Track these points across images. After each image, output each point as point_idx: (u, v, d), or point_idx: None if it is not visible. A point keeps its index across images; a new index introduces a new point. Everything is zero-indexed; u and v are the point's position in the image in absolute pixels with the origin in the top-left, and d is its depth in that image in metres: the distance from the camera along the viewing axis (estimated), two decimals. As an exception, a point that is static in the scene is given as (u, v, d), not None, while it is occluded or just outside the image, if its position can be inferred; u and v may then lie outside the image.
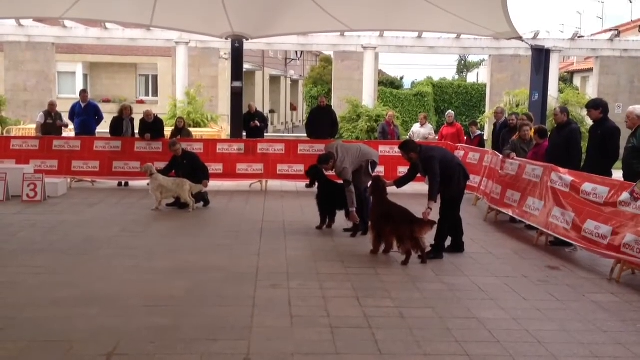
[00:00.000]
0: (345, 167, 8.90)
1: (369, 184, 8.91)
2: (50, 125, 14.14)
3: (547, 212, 8.60)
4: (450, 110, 16.73)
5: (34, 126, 17.03)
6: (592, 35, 26.39)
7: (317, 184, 9.66)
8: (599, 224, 7.38)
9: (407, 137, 15.07)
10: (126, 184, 14.04)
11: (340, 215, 9.59)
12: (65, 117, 14.77)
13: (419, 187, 10.52)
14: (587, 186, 7.86)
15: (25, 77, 22.06)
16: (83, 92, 14.94)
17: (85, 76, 33.44)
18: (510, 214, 9.78)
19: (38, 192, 11.56)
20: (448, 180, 7.81)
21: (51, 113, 14.24)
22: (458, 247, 8.18)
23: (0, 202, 11.31)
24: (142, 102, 31.75)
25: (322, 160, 9.16)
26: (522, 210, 9.35)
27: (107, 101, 30.91)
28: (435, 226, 7.70)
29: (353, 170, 9.00)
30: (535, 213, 8.93)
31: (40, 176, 11.80)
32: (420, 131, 15.61)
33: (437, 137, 15.92)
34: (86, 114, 14.41)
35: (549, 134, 10.08)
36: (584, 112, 16.74)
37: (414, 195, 10.63)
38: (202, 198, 11.37)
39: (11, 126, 19.53)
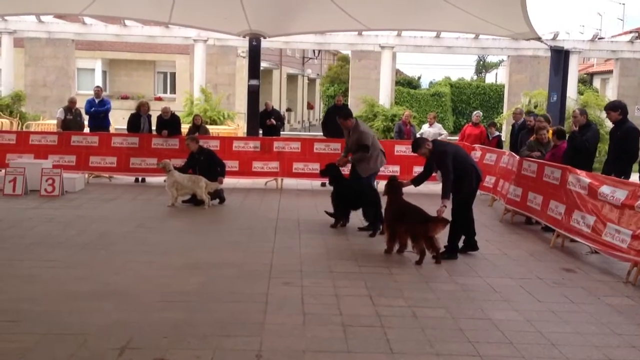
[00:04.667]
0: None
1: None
2: (70, 121, 14.26)
3: (568, 215, 8.51)
4: (478, 111, 16.50)
5: (53, 122, 17.25)
6: (612, 36, 26.14)
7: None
8: (619, 227, 7.31)
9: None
10: (143, 180, 14.13)
11: (354, 215, 9.60)
12: (84, 113, 14.90)
13: (433, 186, 10.48)
14: (605, 189, 7.79)
15: (45, 73, 22.26)
16: (97, 88, 15.16)
17: (104, 73, 33.70)
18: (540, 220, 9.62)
19: (56, 187, 11.67)
20: (460, 179, 7.76)
21: (71, 109, 14.37)
22: (471, 245, 8.12)
23: (19, 197, 11.43)
24: (160, 99, 31.92)
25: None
26: (548, 215, 9.21)
27: (125, 98, 31.14)
28: (448, 225, 7.65)
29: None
30: (558, 217, 8.83)
31: (58, 171, 11.92)
32: (430, 131, 15.50)
33: (448, 136, 15.82)
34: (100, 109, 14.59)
35: (568, 136, 9.99)
36: (604, 114, 16.61)
37: (428, 195, 10.60)
38: (217, 195, 11.41)
39: (30, 121, 19.72)
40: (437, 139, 8.69)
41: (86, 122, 15.19)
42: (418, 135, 15.34)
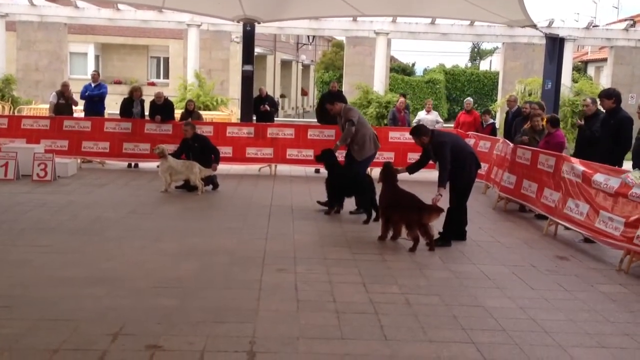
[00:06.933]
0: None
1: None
2: (62, 105, 14.16)
3: (562, 203, 8.51)
4: (469, 98, 16.52)
5: (45, 106, 17.15)
6: (607, 24, 26.10)
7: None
8: (612, 215, 7.32)
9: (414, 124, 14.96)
10: (136, 166, 14.07)
11: (348, 202, 9.59)
12: (77, 97, 14.80)
13: (429, 174, 10.48)
14: (598, 177, 7.80)
15: (37, 57, 22.07)
16: (94, 72, 15.13)
17: (97, 57, 33.45)
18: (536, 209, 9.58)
19: (48, 171, 11.61)
20: (459, 167, 7.74)
21: (64, 94, 14.26)
22: (460, 235, 8.11)
23: (11, 181, 11.36)
24: (153, 84, 31.75)
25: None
26: (541, 203, 9.21)
27: (118, 83, 30.95)
28: (443, 213, 7.64)
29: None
30: (552, 205, 8.83)
31: (50, 156, 11.84)
32: (427, 118, 15.48)
33: (444, 124, 15.82)
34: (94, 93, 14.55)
35: (579, 125, 9.90)
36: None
37: (424, 183, 10.60)
38: (211, 181, 11.38)
39: (22, 106, 19.58)
40: (436, 129, 8.65)
41: (81, 107, 15.12)
42: (414, 122, 15.32)
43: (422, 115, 16.01)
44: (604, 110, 9.12)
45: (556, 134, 9.91)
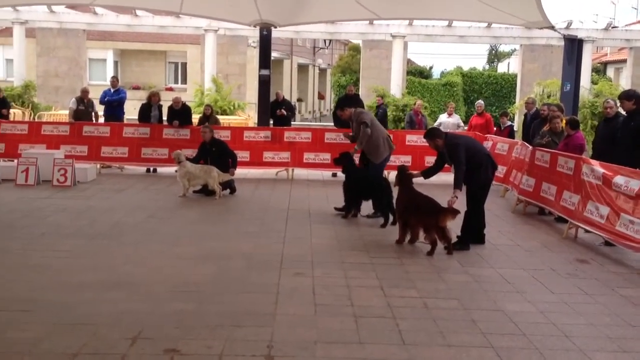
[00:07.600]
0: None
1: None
2: (82, 111, 14.27)
3: (582, 205, 8.42)
4: (480, 100, 16.47)
5: (65, 112, 17.32)
6: (626, 25, 25.83)
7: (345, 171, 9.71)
8: (633, 218, 7.23)
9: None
10: (154, 170, 14.14)
11: (366, 205, 9.56)
12: (97, 103, 14.91)
13: (445, 177, 10.42)
14: (619, 179, 7.70)
15: (57, 63, 22.31)
16: (113, 78, 15.25)
17: (115, 63, 33.76)
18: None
19: (68, 177, 11.71)
20: (475, 169, 7.69)
21: (83, 99, 14.38)
22: (479, 238, 8.04)
23: (31, 187, 11.47)
24: (171, 89, 31.95)
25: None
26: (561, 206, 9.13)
27: (136, 88, 31.19)
28: (459, 215, 7.57)
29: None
30: (572, 207, 8.73)
31: (70, 161, 11.94)
32: (449, 121, 15.41)
33: (465, 127, 15.76)
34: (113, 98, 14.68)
35: (597, 126, 9.80)
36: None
37: (440, 186, 10.54)
38: (228, 185, 11.41)
39: (42, 112, 19.78)
40: (449, 132, 8.61)
41: (101, 113, 15.24)
42: (436, 125, 15.23)
43: (443, 118, 15.93)
44: (624, 112, 9.00)
45: (576, 135, 9.80)
